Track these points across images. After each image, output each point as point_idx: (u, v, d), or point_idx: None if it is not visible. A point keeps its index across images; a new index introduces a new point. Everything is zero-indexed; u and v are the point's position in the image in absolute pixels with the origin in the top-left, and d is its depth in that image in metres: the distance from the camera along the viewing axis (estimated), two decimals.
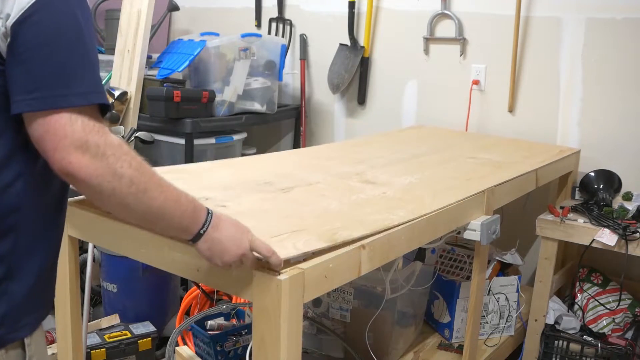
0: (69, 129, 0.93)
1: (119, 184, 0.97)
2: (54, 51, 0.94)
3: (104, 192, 0.97)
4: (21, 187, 1.02)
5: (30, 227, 1.06)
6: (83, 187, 0.97)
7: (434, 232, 1.67)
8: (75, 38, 0.97)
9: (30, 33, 0.93)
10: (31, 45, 0.93)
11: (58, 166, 0.95)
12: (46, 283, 1.16)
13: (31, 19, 0.93)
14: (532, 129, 2.78)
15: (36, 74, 0.93)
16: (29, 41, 0.93)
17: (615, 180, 2.50)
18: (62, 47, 0.95)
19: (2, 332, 1.06)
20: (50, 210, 1.11)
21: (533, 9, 2.72)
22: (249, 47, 3.00)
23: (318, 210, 1.54)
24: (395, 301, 2.02)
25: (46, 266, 1.13)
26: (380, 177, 1.93)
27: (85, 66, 0.97)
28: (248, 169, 1.95)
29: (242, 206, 1.52)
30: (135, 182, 0.99)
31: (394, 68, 3.13)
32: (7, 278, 1.04)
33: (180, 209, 1.07)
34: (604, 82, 2.60)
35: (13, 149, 1.00)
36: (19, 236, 1.04)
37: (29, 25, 0.93)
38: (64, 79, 0.94)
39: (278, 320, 1.17)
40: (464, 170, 2.11)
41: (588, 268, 2.56)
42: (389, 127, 3.08)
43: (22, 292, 1.07)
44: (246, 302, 2.18)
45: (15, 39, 0.93)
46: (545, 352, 2.34)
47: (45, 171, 1.03)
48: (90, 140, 0.94)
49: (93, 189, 0.97)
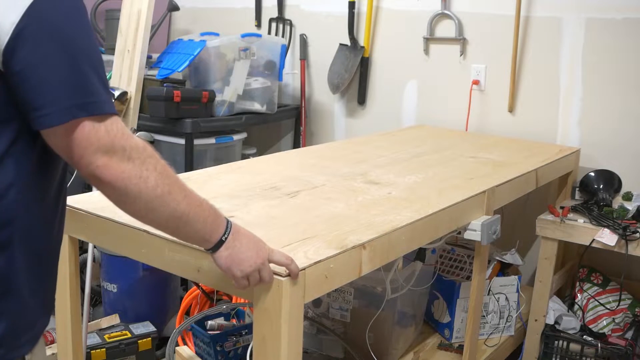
0: (93, 137, 0.92)
1: (145, 186, 0.96)
2: (57, 63, 0.91)
3: (129, 195, 0.96)
4: (13, 198, 0.96)
5: (25, 241, 1.00)
6: (110, 190, 0.96)
7: (435, 232, 1.67)
8: (74, 45, 0.93)
9: (25, 50, 0.89)
10: (29, 61, 0.90)
11: (85, 171, 0.94)
12: (46, 294, 1.11)
13: (22, 35, 0.89)
14: (532, 128, 2.78)
15: (46, 88, 0.91)
16: (24, 58, 0.89)
17: (615, 180, 2.50)
18: (62, 58, 0.91)
19: (1, 353, 1.01)
20: (47, 221, 1.06)
21: (533, 9, 2.72)
22: (249, 47, 3.00)
23: (326, 214, 1.55)
24: (395, 301, 2.02)
25: (45, 279, 1.09)
26: (384, 177, 1.93)
27: (93, 70, 0.95)
28: (252, 173, 1.95)
29: (250, 215, 1.52)
30: (160, 185, 0.98)
31: (394, 68, 3.13)
32: (3, 297, 1.00)
33: (204, 214, 1.06)
34: (604, 82, 2.60)
35: (3, 157, 0.95)
36: (14, 251, 0.99)
37: (22, 42, 0.89)
38: (78, 89, 0.92)
39: (279, 320, 1.17)
40: (465, 169, 2.11)
41: (588, 268, 2.56)
42: (389, 127, 3.08)
43: (20, 310, 1.03)
44: (246, 302, 2.18)
45: (10, 59, 0.89)
46: (545, 352, 2.34)
47: (39, 180, 1.00)
48: (116, 144, 0.93)
49: (120, 192, 0.95)
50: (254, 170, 2.01)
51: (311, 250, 1.30)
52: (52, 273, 1.13)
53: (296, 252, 1.27)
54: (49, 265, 1.11)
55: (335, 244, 1.34)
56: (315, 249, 1.31)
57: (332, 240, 1.36)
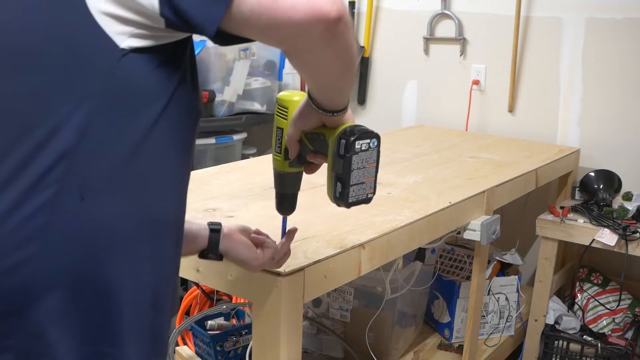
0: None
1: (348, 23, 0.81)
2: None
3: (347, 24, 0.80)
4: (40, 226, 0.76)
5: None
6: (334, 25, 0.77)
7: (434, 232, 1.67)
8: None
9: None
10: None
11: (306, 12, 0.74)
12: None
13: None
14: (532, 128, 2.78)
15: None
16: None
17: (615, 180, 2.49)
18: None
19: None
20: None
21: (533, 9, 2.72)
22: (249, 47, 3.00)
23: (325, 214, 1.54)
24: (395, 301, 2.02)
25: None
26: (384, 177, 1.93)
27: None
28: (252, 173, 1.95)
29: (250, 214, 1.53)
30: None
31: (394, 68, 3.13)
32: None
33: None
34: (604, 82, 2.60)
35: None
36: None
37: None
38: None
39: (278, 320, 1.17)
40: (465, 169, 2.12)
41: (588, 268, 2.55)
42: (389, 127, 3.08)
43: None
44: (246, 302, 2.18)
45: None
46: (545, 352, 2.34)
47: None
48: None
49: (343, 25, 0.78)
50: (254, 170, 2.01)
51: (311, 250, 1.30)
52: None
53: (296, 251, 1.27)
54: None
55: (335, 244, 1.34)
56: (314, 248, 1.31)
57: (331, 240, 1.36)
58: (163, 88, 0.82)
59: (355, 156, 0.97)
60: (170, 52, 0.83)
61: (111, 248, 0.79)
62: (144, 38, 0.79)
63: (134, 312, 0.83)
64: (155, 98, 0.81)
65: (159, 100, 0.82)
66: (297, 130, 1.03)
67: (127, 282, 0.81)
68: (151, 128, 0.81)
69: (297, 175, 1.12)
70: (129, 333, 0.82)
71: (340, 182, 0.98)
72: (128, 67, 0.78)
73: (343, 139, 0.96)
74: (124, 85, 0.78)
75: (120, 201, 0.80)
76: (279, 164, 1.10)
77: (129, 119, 0.79)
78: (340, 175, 0.97)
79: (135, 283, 0.82)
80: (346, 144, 0.96)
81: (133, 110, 0.80)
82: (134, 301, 0.82)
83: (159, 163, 0.84)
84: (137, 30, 0.78)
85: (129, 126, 0.79)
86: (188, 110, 0.88)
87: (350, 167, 0.97)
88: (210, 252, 1.12)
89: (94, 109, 0.77)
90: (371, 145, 1.00)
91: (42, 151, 0.75)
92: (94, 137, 0.77)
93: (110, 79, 0.78)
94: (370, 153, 0.99)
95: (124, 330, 0.82)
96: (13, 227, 0.74)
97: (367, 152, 0.99)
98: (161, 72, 0.81)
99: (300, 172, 1.11)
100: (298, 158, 1.06)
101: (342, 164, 0.96)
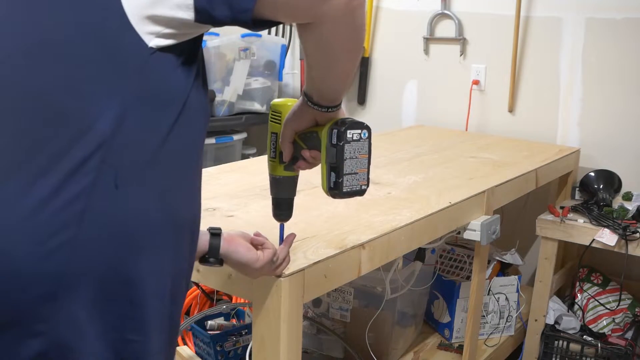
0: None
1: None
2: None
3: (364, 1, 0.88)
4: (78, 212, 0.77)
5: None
6: (359, 14, 0.86)
7: (434, 232, 1.67)
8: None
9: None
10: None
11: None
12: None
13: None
14: (532, 128, 2.78)
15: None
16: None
17: (615, 180, 2.50)
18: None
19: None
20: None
21: (533, 9, 2.72)
22: (249, 47, 3.00)
23: (325, 214, 1.55)
24: (395, 301, 2.02)
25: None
26: (384, 177, 1.93)
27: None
28: (252, 173, 1.95)
29: (250, 214, 1.53)
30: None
31: (394, 68, 3.13)
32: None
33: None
34: (604, 82, 2.60)
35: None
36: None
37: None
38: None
39: (278, 320, 1.17)
40: (465, 169, 2.12)
41: (588, 268, 2.55)
42: (389, 127, 3.08)
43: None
44: (246, 302, 2.18)
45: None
46: (545, 352, 2.34)
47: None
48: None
49: (360, 27, 0.88)
50: (254, 170, 2.01)
51: (310, 250, 1.30)
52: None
53: (295, 251, 1.27)
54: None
55: (335, 244, 1.34)
56: (314, 248, 1.31)
57: (331, 240, 1.36)
58: (182, 87, 0.85)
59: (347, 145, 1.00)
60: (187, 52, 0.86)
61: (139, 238, 0.82)
62: (168, 37, 0.82)
63: (157, 302, 0.85)
64: (176, 97, 0.84)
65: (179, 99, 0.85)
66: (290, 131, 1.06)
67: (151, 272, 0.83)
68: (172, 127, 0.84)
69: (292, 179, 1.14)
70: (152, 322, 0.85)
71: (334, 171, 1.02)
72: (155, 65, 0.82)
73: (335, 128, 1.00)
74: (152, 83, 0.82)
75: (147, 194, 0.82)
76: (274, 168, 1.13)
77: (157, 116, 0.83)
78: (333, 164, 1.01)
79: (158, 274, 0.85)
80: (338, 133, 1.00)
81: (159, 107, 0.83)
82: (157, 291, 0.85)
83: (179, 161, 0.87)
84: (166, 29, 0.81)
85: (157, 123, 0.82)
86: (201, 109, 0.90)
87: (343, 156, 1.00)
88: (211, 256, 1.12)
89: (128, 103, 0.80)
90: (362, 136, 1.02)
91: (81, 140, 0.77)
92: (127, 131, 0.79)
93: (141, 76, 0.81)
94: (362, 144, 1.02)
95: (148, 319, 0.84)
96: (53, 211, 0.75)
97: (358, 143, 1.02)
98: (181, 72, 0.85)
99: (296, 176, 1.14)
100: (292, 161, 1.09)
101: (335, 153, 1.00)
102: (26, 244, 0.74)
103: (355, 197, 1.05)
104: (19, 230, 0.74)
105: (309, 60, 0.95)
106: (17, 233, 0.74)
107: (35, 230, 0.74)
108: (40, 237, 0.74)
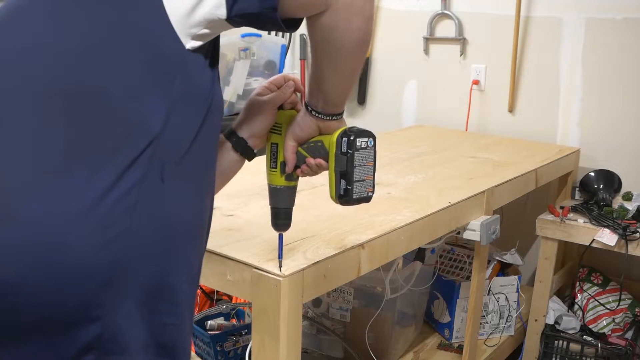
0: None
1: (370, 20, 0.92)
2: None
3: (370, 17, 0.91)
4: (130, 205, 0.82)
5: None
6: (368, 16, 0.90)
7: (434, 232, 1.67)
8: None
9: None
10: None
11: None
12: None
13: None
14: (532, 129, 2.78)
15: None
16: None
17: (615, 180, 2.50)
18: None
19: None
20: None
21: (533, 9, 2.72)
22: (249, 47, 3.00)
23: (325, 214, 1.55)
24: (395, 301, 2.02)
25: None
26: (384, 177, 1.93)
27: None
28: (252, 173, 1.95)
29: (250, 214, 1.53)
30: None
31: (394, 68, 3.13)
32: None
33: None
34: (604, 82, 2.60)
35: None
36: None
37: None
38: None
39: (277, 320, 1.17)
40: (465, 169, 2.12)
41: (588, 268, 2.55)
42: (389, 127, 3.08)
43: None
44: (246, 302, 2.18)
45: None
46: (545, 352, 2.34)
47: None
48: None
49: (369, 18, 0.91)
50: (253, 169, 2.00)
51: (310, 250, 1.30)
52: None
53: (295, 251, 1.27)
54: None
55: (334, 244, 1.34)
56: (314, 248, 1.31)
57: (331, 240, 1.36)
58: (209, 86, 0.91)
59: (357, 153, 1.03)
60: (210, 53, 0.91)
61: (179, 228, 0.88)
62: (200, 38, 0.87)
63: (189, 288, 0.92)
64: (206, 96, 0.90)
65: (208, 98, 0.90)
66: (293, 142, 1.08)
67: (185, 261, 0.90)
68: (201, 125, 0.89)
69: (292, 189, 1.15)
70: (186, 306, 0.91)
71: (344, 179, 1.04)
72: (191, 66, 0.87)
73: (345, 137, 1.02)
74: (190, 82, 0.87)
75: (185, 188, 0.88)
76: (275, 178, 1.15)
77: (192, 115, 0.88)
78: (344, 172, 1.03)
79: (192, 260, 0.92)
80: (348, 142, 1.02)
81: (194, 106, 0.88)
82: (189, 278, 0.91)
83: (205, 159, 0.94)
84: (202, 30, 0.86)
85: (192, 121, 0.88)
86: (220, 108, 0.95)
87: (353, 164, 1.03)
88: (241, 152, 1.16)
89: (173, 103, 0.85)
90: (369, 144, 1.05)
91: (134, 135, 0.82)
92: (171, 129, 0.85)
93: (182, 77, 0.86)
94: (368, 151, 1.05)
95: (183, 303, 0.90)
96: (111, 203, 0.79)
97: (366, 150, 1.05)
98: (208, 72, 0.90)
99: (295, 186, 1.15)
100: (294, 170, 1.11)
101: (346, 161, 1.03)
102: (88, 234, 0.78)
103: (362, 203, 1.07)
104: (81, 221, 0.78)
105: (317, 57, 0.96)
106: (80, 224, 0.77)
107: (96, 222, 0.78)
108: (100, 227, 0.78)
